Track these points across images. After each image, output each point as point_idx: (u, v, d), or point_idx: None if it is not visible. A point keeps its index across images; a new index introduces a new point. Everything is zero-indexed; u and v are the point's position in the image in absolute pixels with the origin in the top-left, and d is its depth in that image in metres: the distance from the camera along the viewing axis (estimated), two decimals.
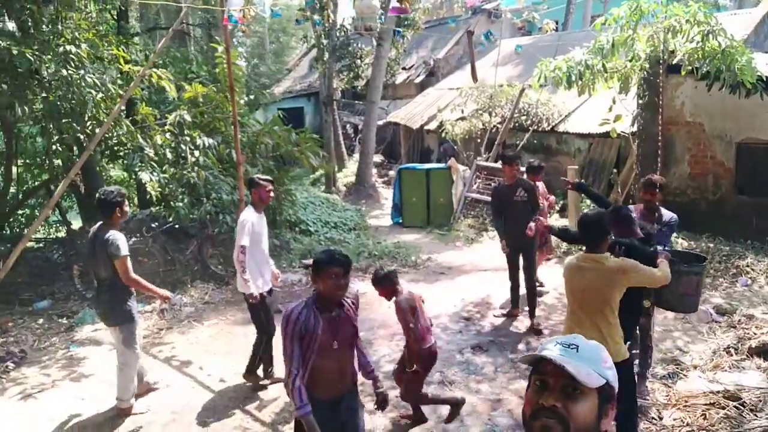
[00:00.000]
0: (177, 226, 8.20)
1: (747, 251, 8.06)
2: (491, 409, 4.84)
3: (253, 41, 35.21)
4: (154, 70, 7.55)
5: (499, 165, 11.56)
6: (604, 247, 3.68)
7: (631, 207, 5.04)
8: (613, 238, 3.89)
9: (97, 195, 4.71)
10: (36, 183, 9.98)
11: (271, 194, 5.29)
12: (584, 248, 3.82)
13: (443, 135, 13.70)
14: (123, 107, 8.12)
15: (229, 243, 7.24)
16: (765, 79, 7.65)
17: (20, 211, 9.63)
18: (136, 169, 7.51)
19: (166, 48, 11.89)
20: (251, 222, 5.00)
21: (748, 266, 7.63)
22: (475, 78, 15.38)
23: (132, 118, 8.18)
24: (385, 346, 6.14)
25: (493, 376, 5.41)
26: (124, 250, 4.56)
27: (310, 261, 8.99)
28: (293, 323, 3.05)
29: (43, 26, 7.29)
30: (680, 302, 4.54)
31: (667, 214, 5.12)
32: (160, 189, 7.92)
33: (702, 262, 4.69)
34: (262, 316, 5.26)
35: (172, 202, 8.10)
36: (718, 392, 4.46)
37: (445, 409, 4.76)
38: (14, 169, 9.22)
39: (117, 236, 4.56)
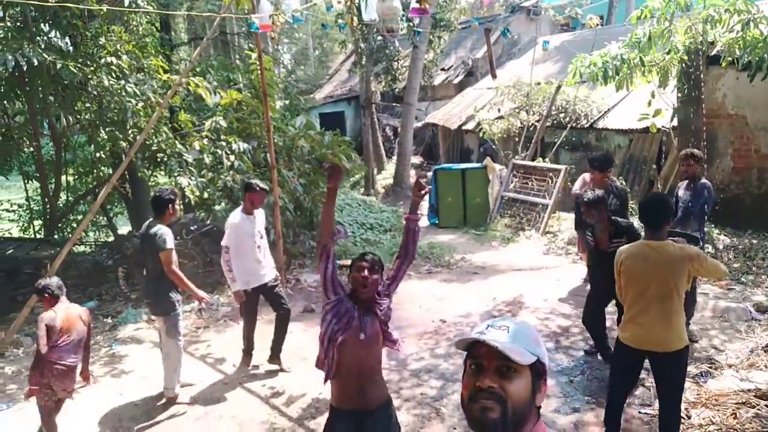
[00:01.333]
0: (215, 228, 8.46)
1: None
2: None
3: (297, 47, 35.84)
4: (192, 78, 7.84)
5: (536, 163, 11.47)
6: (664, 235, 3.65)
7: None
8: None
9: (153, 194, 5.14)
10: (86, 189, 10.49)
11: (263, 200, 5.69)
12: (645, 234, 3.78)
13: (481, 135, 13.63)
14: (166, 115, 8.47)
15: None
16: None
17: (71, 217, 10.12)
18: (176, 174, 7.80)
19: (206, 56, 12.29)
20: (234, 224, 5.43)
21: None
22: (494, 75, 15.27)
23: (172, 125, 8.50)
24: (413, 345, 6.19)
25: None
26: (170, 243, 4.87)
27: (344, 261, 9.16)
28: (335, 302, 3.26)
29: (88, 40, 7.68)
30: None
31: (703, 182, 5.95)
32: (198, 193, 8.22)
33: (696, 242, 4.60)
34: (245, 309, 5.76)
35: (210, 206, 8.37)
36: (750, 391, 4.33)
37: None
38: (64, 177, 9.71)
39: (165, 230, 4.90)
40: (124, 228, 11.52)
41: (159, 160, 8.77)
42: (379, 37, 15.45)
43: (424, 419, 4.72)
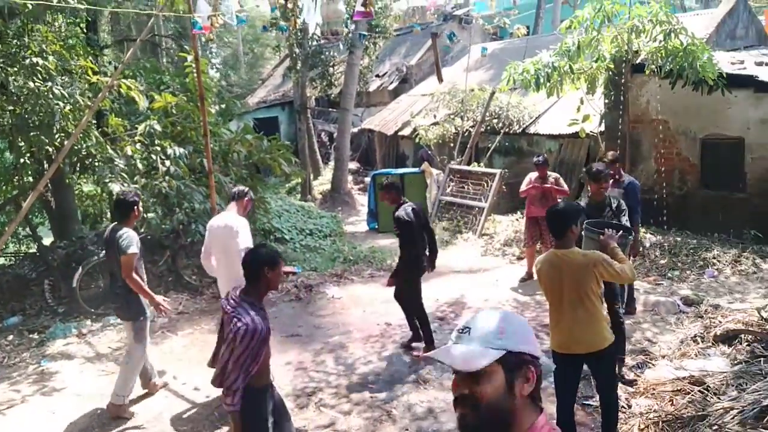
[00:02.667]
0: (149, 237, 8.14)
1: (713, 244, 8.24)
2: None
3: (227, 52, 35.13)
4: (123, 80, 7.52)
5: (472, 168, 11.72)
6: (570, 240, 3.76)
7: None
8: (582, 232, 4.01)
9: (116, 197, 5.11)
10: (5, 198, 9.85)
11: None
12: (554, 243, 3.91)
13: (417, 140, 13.81)
14: (93, 119, 8.07)
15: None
16: (725, 76, 7.85)
17: None
18: (107, 181, 7.45)
19: (136, 59, 11.86)
20: (246, 224, 5.22)
21: (714, 258, 7.80)
22: (440, 79, 15.54)
23: (102, 129, 8.13)
24: (360, 349, 6.16)
25: None
26: (134, 248, 4.76)
27: (287, 268, 9.03)
28: (260, 335, 3.08)
29: (10, 39, 7.23)
30: None
31: (627, 178, 6.42)
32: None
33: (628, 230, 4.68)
34: None
35: (144, 213, 8.03)
36: (684, 378, 4.55)
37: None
38: None
39: (130, 233, 4.82)
40: (46, 238, 10.90)
41: (87, 166, 8.37)
42: (314, 43, 15.38)
43: (375, 422, 4.70)
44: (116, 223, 4.98)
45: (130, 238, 4.77)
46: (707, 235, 8.54)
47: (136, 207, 4.95)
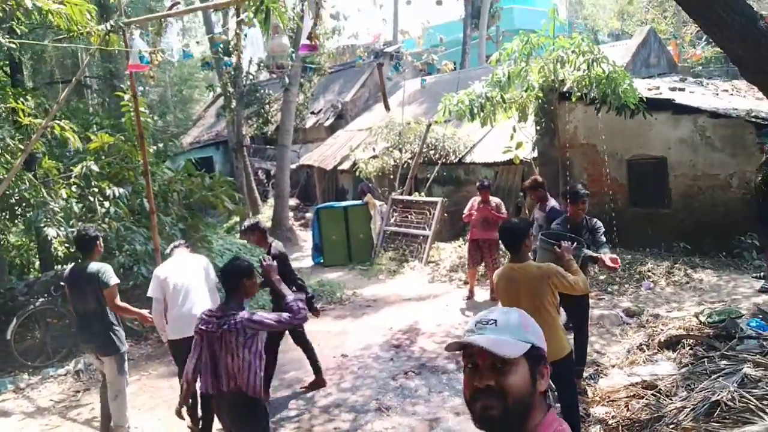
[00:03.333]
0: None
1: (646, 258, 8.69)
2: (429, 428, 4.91)
3: (154, 94, 34.50)
4: (57, 121, 7.28)
5: (414, 197, 11.93)
6: (524, 253, 3.91)
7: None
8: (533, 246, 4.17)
9: (76, 234, 5.09)
10: None
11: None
12: (509, 257, 4.06)
13: (357, 174, 13.94)
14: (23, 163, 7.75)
15: (145, 297, 6.97)
16: (645, 101, 8.42)
17: None
18: (41, 225, 7.13)
19: (65, 101, 11.49)
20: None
21: (649, 271, 8.23)
22: (387, 107, 15.84)
23: (34, 173, 7.80)
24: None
25: (427, 397, 5.48)
26: (115, 278, 4.82)
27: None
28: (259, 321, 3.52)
29: None
30: None
31: (551, 203, 7.06)
32: (67, 245, 7.55)
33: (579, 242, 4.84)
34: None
35: (78, 259, 7.70)
36: (637, 384, 4.77)
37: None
38: None
39: (106, 267, 4.84)
40: None
41: (18, 211, 7.99)
42: (249, 81, 15.40)
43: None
44: (80, 261, 4.96)
45: (109, 271, 4.82)
46: (640, 250, 9.00)
47: (98, 242, 4.94)
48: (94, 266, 4.81)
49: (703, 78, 14.02)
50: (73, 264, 5.04)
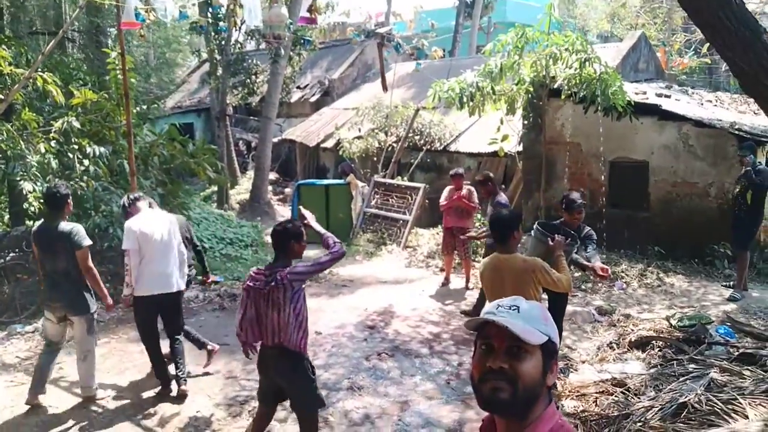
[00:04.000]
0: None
1: (621, 259, 8.85)
2: (400, 410, 4.94)
3: (139, 54, 33.67)
4: (39, 73, 7.07)
5: (397, 182, 11.92)
6: (512, 244, 3.94)
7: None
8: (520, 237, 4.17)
9: (46, 191, 4.96)
10: None
11: None
12: (497, 247, 4.08)
13: (341, 153, 13.87)
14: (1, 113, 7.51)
15: (119, 259, 6.86)
16: (633, 104, 8.51)
17: None
18: (17, 179, 6.94)
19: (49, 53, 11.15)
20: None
21: (623, 272, 8.39)
22: (384, 87, 15.72)
23: (12, 124, 7.57)
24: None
25: (399, 379, 5.52)
26: (88, 240, 4.83)
27: (213, 277, 8.76)
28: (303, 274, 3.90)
29: None
30: None
31: (500, 198, 7.37)
32: (42, 200, 7.37)
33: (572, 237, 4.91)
34: None
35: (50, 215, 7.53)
36: (606, 381, 4.86)
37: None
38: None
39: (78, 227, 4.83)
40: None
41: None
42: (237, 50, 15.12)
43: None
44: (50, 217, 4.87)
45: (82, 231, 4.81)
46: (615, 251, 9.15)
47: (68, 200, 4.86)
48: (66, 226, 4.77)
49: (687, 87, 14.23)
50: (41, 221, 4.97)
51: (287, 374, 3.86)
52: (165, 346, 5.39)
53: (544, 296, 4.90)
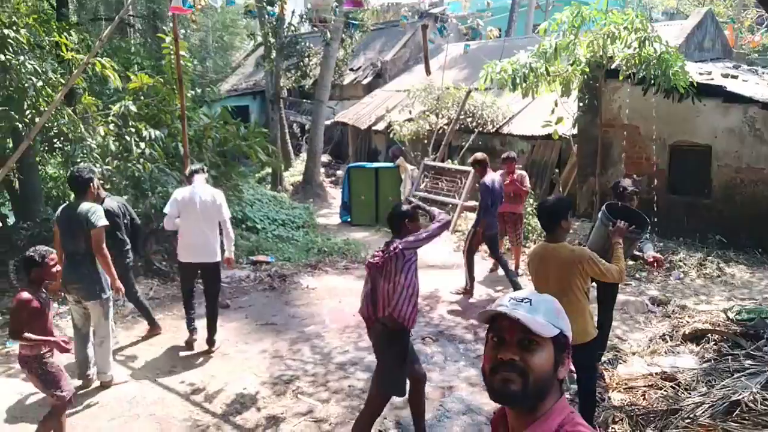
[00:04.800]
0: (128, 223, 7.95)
1: (679, 247, 8.51)
2: (442, 395, 4.94)
3: (195, 39, 34.45)
4: (98, 58, 7.32)
5: (447, 165, 11.81)
6: (560, 234, 3.83)
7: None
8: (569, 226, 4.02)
9: (69, 174, 5.02)
10: None
11: None
12: (545, 236, 3.98)
13: (391, 136, 13.83)
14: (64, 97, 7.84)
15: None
16: (696, 85, 8.11)
17: None
18: (78, 161, 7.24)
19: (108, 39, 11.55)
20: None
21: (680, 261, 8.07)
22: (428, 71, 15.58)
23: (74, 108, 7.89)
24: (336, 339, 6.16)
25: (443, 364, 5.52)
26: (103, 221, 4.78)
27: (258, 257, 8.93)
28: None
29: None
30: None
31: (488, 178, 7.18)
32: (102, 182, 7.68)
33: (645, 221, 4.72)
34: None
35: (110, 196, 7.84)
36: (656, 374, 4.71)
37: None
38: None
39: (96, 207, 4.80)
40: (9, 220, 10.53)
41: (57, 145, 8.12)
42: (291, 32, 15.22)
43: (354, 410, 4.70)
44: (73, 200, 4.91)
45: (99, 212, 4.77)
46: (673, 239, 8.81)
47: (91, 183, 4.90)
48: (84, 206, 4.75)
49: (758, 66, 13.43)
50: (66, 203, 5.01)
51: (381, 347, 3.98)
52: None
53: (593, 285, 4.79)
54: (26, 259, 3.91)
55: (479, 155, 7.57)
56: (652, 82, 8.25)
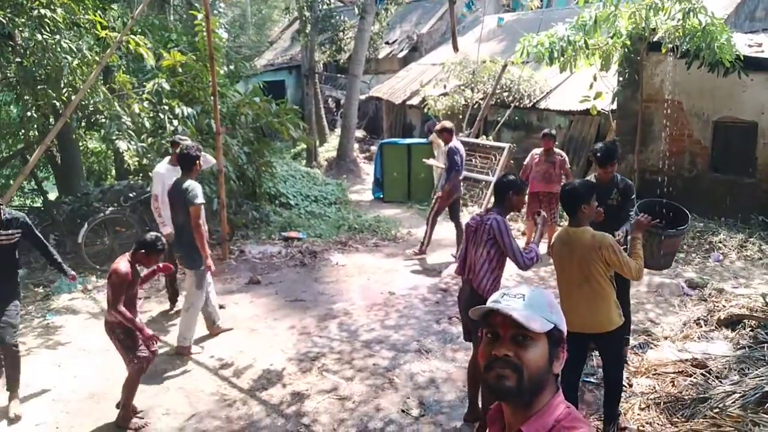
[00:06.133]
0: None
1: (720, 228, 8.21)
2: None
3: (234, 12, 34.56)
4: (132, 36, 7.39)
5: (480, 141, 11.63)
6: (581, 218, 3.72)
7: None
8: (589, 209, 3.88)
9: (179, 150, 5.41)
10: (11, 152, 9.81)
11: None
12: (568, 221, 3.89)
13: (425, 110, 13.66)
14: (100, 75, 7.97)
15: (208, 213, 7.21)
16: (743, 59, 7.72)
17: None
18: (113, 138, 7.39)
19: (144, 16, 11.66)
20: (162, 174, 5.96)
21: (720, 242, 7.79)
22: (455, 48, 15.29)
23: (109, 86, 8.03)
24: (363, 317, 6.19)
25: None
26: (200, 198, 5.14)
27: (290, 233, 9.01)
28: (504, 225, 4.02)
29: None
30: (662, 262, 4.54)
31: (453, 144, 7.83)
32: (137, 158, 7.84)
33: (685, 219, 4.53)
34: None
35: (150, 172, 8.00)
36: (686, 361, 4.59)
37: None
38: None
39: (195, 185, 5.15)
40: (51, 194, 10.89)
41: (94, 122, 8.29)
42: (325, 6, 15.10)
43: (377, 389, 4.74)
44: (182, 174, 5.26)
45: (197, 189, 5.12)
46: (714, 219, 8.50)
47: (198, 161, 5.26)
48: (187, 183, 5.14)
49: None
50: (177, 178, 5.32)
51: (465, 306, 4.07)
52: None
53: None
54: (147, 242, 4.25)
55: (447, 123, 8.19)
56: (697, 55, 7.90)
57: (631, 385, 4.50)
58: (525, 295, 1.48)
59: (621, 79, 9.73)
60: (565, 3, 22.63)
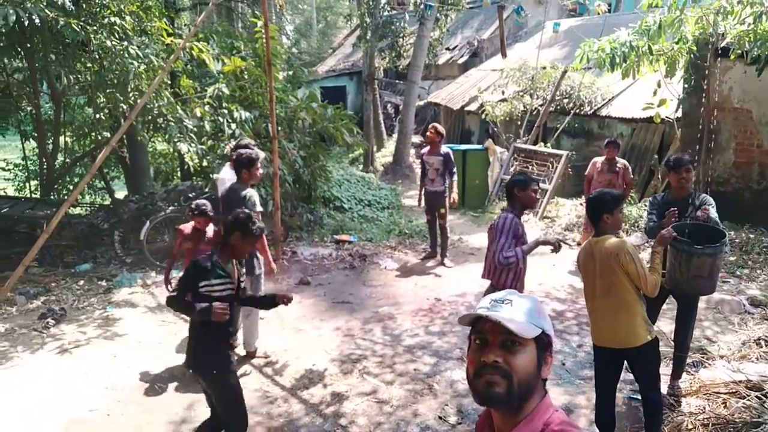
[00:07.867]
0: (213, 197, 8.41)
1: None
2: None
3: (301, 19, 35.38)
4: (195, 43, 7.71)
5: (538, 148, 11.43)
6: (604, 228, 3.62)
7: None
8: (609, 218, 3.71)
9: (236, 155, 5.31)
10: (83, 151, 10.40)
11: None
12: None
13: (483, 117, 13.56)
14: (166, 80, 8.34)
15: (264, 215, 7.40)
16: None
17: (68, 179, 10.03)
18: (176, 140, 7.72)
19: (210, 23, 12.12)
20: (223, 179, 5.89)
21: None
22: (504, 54, 15.10)
23: (174, 90, 8.39)
24: (408, 322, 6.21)
25: None
26: (259, 207, 5.18)
27: (341, 236, 9.12)
28: (510, 223, 4.24)
29: None
30: (691, 285, 4.19)
31: (444, 149, 8.06)
32: (198, 160, 8.15)
33: (722, 238, 4.11)
34: None
35: (209, 173, 8.31)
36: (741, 382, 4.35)
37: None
38: (62, 138, 9.61)
39: (253, 193, 5.20)
40: (120, 192, 11.45)
41: (159, 125, 8.68)
42: (386, 13, 15.24)
43: (416, 394, 4.74)
44: (237, 179, 5.26)
45: (254, 197, 5.16)
46: None
47: (245, 169, 5.18)
48: (245, 191, 5.13)
49: None
50: (233, 182, 5.35)
51: None
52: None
53: None
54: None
55: (440, 127, 8.24)
56: None
57: (680, 405, 4.32)
58: (512, 301, 1.49)
59: (687, 86, 9.37)
60: (633, 7, 22.00)
